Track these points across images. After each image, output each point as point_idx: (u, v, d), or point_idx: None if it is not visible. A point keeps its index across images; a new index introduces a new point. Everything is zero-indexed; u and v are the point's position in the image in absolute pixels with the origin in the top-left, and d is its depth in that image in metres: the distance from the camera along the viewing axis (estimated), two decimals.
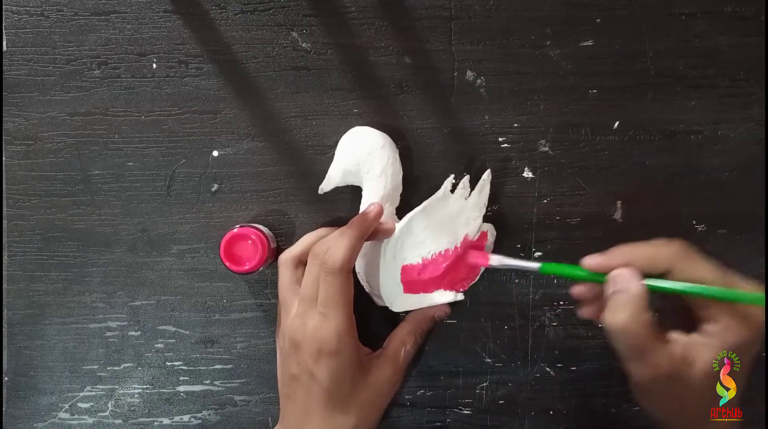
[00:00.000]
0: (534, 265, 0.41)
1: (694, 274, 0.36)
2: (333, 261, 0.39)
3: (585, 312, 0.41)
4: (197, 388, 0.49)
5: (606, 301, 0.37)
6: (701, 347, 0.36)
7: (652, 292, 0.37)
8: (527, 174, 0.48)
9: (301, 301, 0.42)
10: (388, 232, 0.44)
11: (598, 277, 0.38)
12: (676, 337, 0.37)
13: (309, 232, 0.48)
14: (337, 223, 0.47)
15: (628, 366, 0.37)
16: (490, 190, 0.45)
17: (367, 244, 0.44)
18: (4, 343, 0.48)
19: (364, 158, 0.44)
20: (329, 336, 0.39)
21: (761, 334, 0.36)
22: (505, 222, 0.47)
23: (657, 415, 0.39)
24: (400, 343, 0.45)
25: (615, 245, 0.38)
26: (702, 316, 0.37)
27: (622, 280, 0.37)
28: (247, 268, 0.44)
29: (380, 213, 0.42)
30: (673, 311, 0.40)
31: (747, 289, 0.36)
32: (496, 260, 0.43)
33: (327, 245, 0.41)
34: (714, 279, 0.36)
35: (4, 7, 0.46)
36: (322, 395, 0.40)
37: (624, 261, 0.37)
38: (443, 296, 0.45)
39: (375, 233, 0.43)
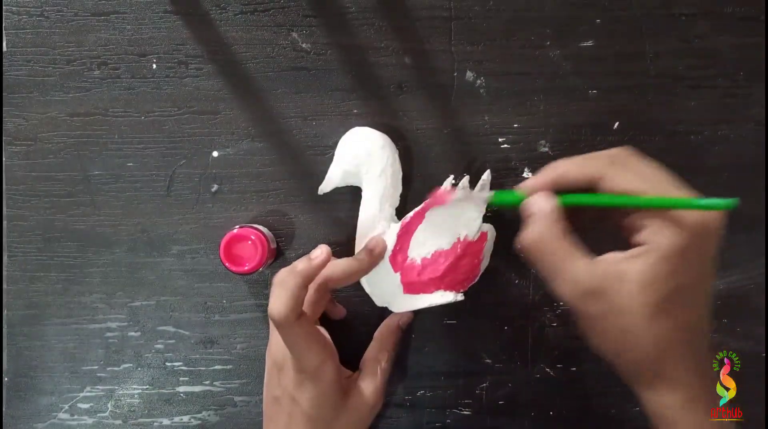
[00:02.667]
0: (487, 194, 0.41)
1: (622, 183, 0.34)
2: (275, 316, 0.37)
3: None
4: (197, 388, 0.49)
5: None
6: (633, 259, 0.33)
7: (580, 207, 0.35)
8: (527, 174, 0.48)
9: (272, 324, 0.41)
10: (381, 256, 0.43)
11: None
12: (607, 255, 0.34)
13: (309, 232, 0.48)
14: (337, 223, 0.48)
15: (554, 287, 0.35)
16: (490, 190, 0.45)
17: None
18: (4, 343, 0.48)
19: (363, 159, 0.44)
20: (305, 368, 0.39)
21: (700, 237, 0.33)
22: (505, 222, 0.47)
23: (604, 351, 0.36)
24: (374, 362, 0.44)
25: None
26: (636, 229, 0.34)
27: (534, 201, 0.36)
28: (246, 268, 0.44)
29: (326, 260, 0.39)
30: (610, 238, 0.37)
31: (680, 195, 0.34)
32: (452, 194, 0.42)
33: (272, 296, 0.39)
34: (644, 188, 0.34)
35: (4, 7, 0.46)
36: (304, 420, 0.40)
37: (555, 176, 0.36)
38: (443, 297, 0.45)
39: (372, 263, 0.43)
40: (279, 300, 0.37)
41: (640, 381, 0.36)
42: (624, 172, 0.35)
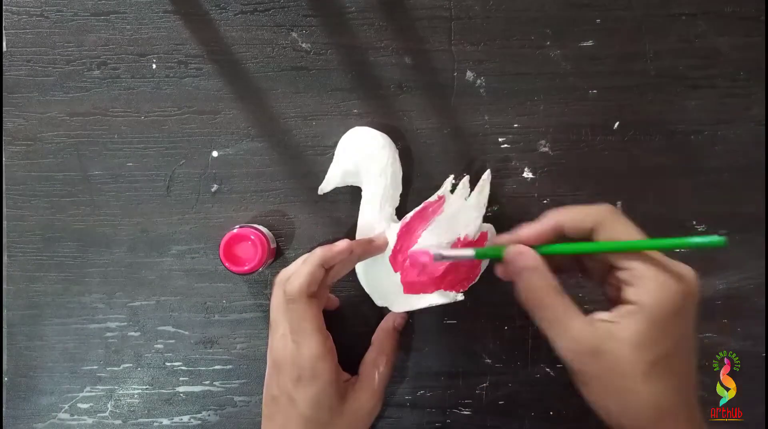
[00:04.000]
0: (469, 252, 0.40)
1: (613, 234, 0.35)
2: (291, 289, 0.39)
3: (501, 273, 0.39)
4: (197, 388, 0.49)
5: (515, 280, 0.36)
6: (625, 318, 0.33)
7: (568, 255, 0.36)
8: (527, 174, 0.48)
9: (273, 324, 0.42)
10: (381, 249, 0.44)
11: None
12: (602, 314, 0.34)
13: (309, 232, 0.48)
14: (337, 223, 0.47)
15: (553, 345, 0.35)
16: (490, 190, 0.45)
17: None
18: (4, 343, 0.48)
19: (363, 159, 0.44)
20: (305, 362, 0.39)
21: (686, 297, 0.33)
22: (505, 222, 0.47)
23: (603, 412, 0.35)
24: (372, 367, 0.44)
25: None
26: (621, 286, 0.35)
27: (517, 255, 0.36)
28: (246, 268, 0.44)
29: (346, 250, 0.41)
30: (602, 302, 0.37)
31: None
32: (438, 256, 0.41)
33: (290, 272, 0.41)
34: (632, 238, 0.34)
35: (4, 7, 0.46)
36: (300, 421, 0.40)
37: (550, 226, 0.36)
38: (443, 297, 0.45)
39: (367, 251, 0.43)
40: (300, 276, 0.39)
41: None
42: (620, 224, 0.35)
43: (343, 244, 0.41)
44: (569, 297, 0.35)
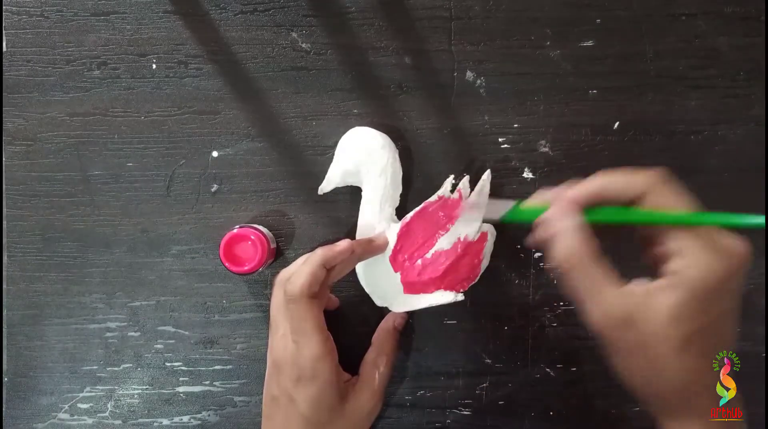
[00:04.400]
0: (509, 203, 0.40)
1: (660, 202, 0.33)
2: (292, 289, 0.39)
3: (532, 239, 0.38)
4: (197, 388, 0.49)
5: (550, 241, 0.35)
6: (663, 290, 0.32)
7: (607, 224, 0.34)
8: (527, 174, 0.48)
9: (273, 324, 0.42)
10: (381, 249, 0.44)
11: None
12: (637, 283, 0.33)
13: (309, 232, 0.48)
14: (337, 223, 0.47)
15: (584, 310, 0.34)
16: (490, 190, 0.45)
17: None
18: (4, 343, 0.48)
19: (363, 159, 0.44)
20: (305, 363, 0.39)
21: (731, 270, 0.32)
22: (505, 222, 0.47)
23: (630, 379, 0.35)
24: (373, 367, 0.44)
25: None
26: (666, 256, 0.33)
27: (558, 215, 0.35)
28: (246, 268, 0.44)
29: (347, 250, 0.41)
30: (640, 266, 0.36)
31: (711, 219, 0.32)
32: (471, 201, 0.42)
33: (290, 272, 0.41)
34: (679, 209, 0.33)
35: (4, 7, 0.46)
36: (300, 421, 0.40)
37: (595, 188, 0.35)
38: (443, 297, 0.45)
39: (367, 251, 0.43)
40: (301, 276, 0.39)
41: (666, 412, 0.35)
42: (668, 191, 0.34)
43: (344, 244, 0.41)
44: (605, 266, 0.34)
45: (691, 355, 0.32)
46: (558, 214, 0.35)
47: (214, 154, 0.47)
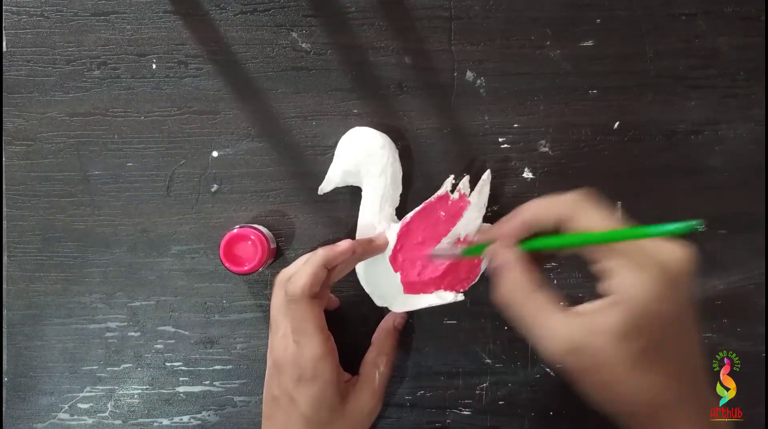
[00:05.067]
0: (457, 251, 0.41)
1: (586, 223, 0.33)
2: (294, 289, 0.39)
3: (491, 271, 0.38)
4: (197, 388, 0.49)
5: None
6: (604, 311, 0.32)
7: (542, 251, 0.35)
8: (527, 174, 0.48)
9: (273, 324, 0.42)
10: (381, 249, 0.44)
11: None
12: (580, 307, 0.33)
13: (309, 232, 0.48)
14: (337, 223, 0.47)
15: (533, 341, 0.34)
16: (490, 190, 0.45)
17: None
18: (4, 343, 0.48)
19: (363, 159, 0.44)
20: (306, 363, 0.39)
21: (671, 285, 0.31)
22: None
23: (597, 403, 0.34)
24: (373, 366, 0.44)
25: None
26: (602, 276, 0.33)
27: (494, 252, 0.35)
28: (246, 268, 0.44)
29: (348, 250, 0.41)
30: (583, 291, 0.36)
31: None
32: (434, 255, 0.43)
33: (290, 272, 0.41)
34: (606, 226, 0.32)
35: (4, 7, 0.46)
36: (301, 421, 0.40)
37: (524, 220, 0.35)
38: (443, 297, 0.45)
39: (368, 251, 0.43)
40: (302, 276, 0.39)
41: None
42: (592, 211, 0.33)
43: (345, 244, 0.41)
44: (546, 294, 0.33)
45: (646, 372, 0.32)
46: (495, 251, 0.36)
47: (214, 154, 0.47)
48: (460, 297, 0.45)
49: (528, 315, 0.34)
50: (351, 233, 0.46)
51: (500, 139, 0.47)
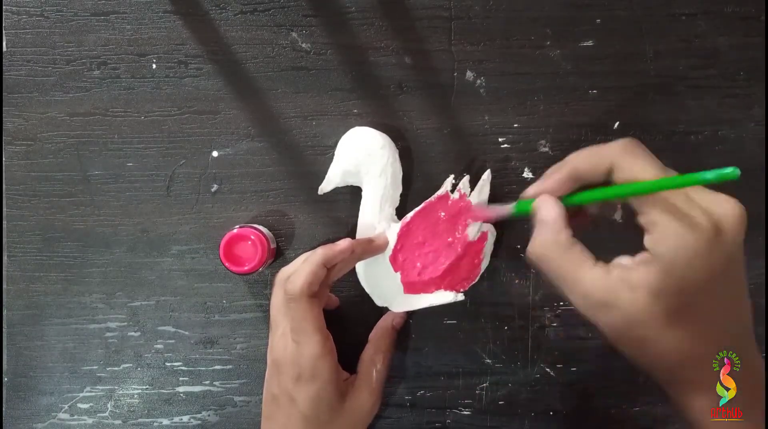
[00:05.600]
0: (509, 207, 0.40)
1: (632, 172, 0.32)
2: (293, 288, 0.39)
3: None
4: (197, 388, 0.49)
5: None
6: (640, 267, 0.31)
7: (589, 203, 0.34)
8: (527, 174, 0.48)
9: (273, 323, 0.42)
10: (381, 249, 0.44)
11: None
12: (617, 261, 0.33)
13: (309, 232, 0.48)
14: (337, 223, 0.47)
15: (566, 297, 0.33)
16: (490, 190, 0.45)
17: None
18: (4, 343, 0.48)
19: (363, 159, 0.44)
20: (305, 362, 0.39)
21: (709, 245, 0.30)
22: (505, 222, 0.47)
23: (631, 358, 0.34)
24: (370, 365, 0.44)
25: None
26: (643, 230, 0.32)
27: (538, 207, 0.35)
28: (246, 268, 0.44)
29: (348, 249, 0.41)
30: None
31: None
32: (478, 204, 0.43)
33: (290, 271, 0.41)
34: (653, 175, 0.31)
35: (4, 7, 0.46)
36: (301, 420, 0.40)
37: (566, 173, 0.34)
38: (443, 296, 0.45)
39: (367, 251, 0.43)
40: (301, 275, 0.39)
41: (672, 385, 0.34)
42: (636, 160, 0.32)
43: (344, 243, 0.41)
44: (582, 249, 0.33)
45: (680, 330, 0.31)
46: (538, 205, 0.35)
47: (214, 154, 0.47)
48: (460, 297, 0.45)
49: (563, 269, 0.33)
50: (351, 233, 0.46)
51: (500, 139, 0.47)
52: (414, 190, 0.47)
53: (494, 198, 0.46)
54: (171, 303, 0.48)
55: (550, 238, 0.34)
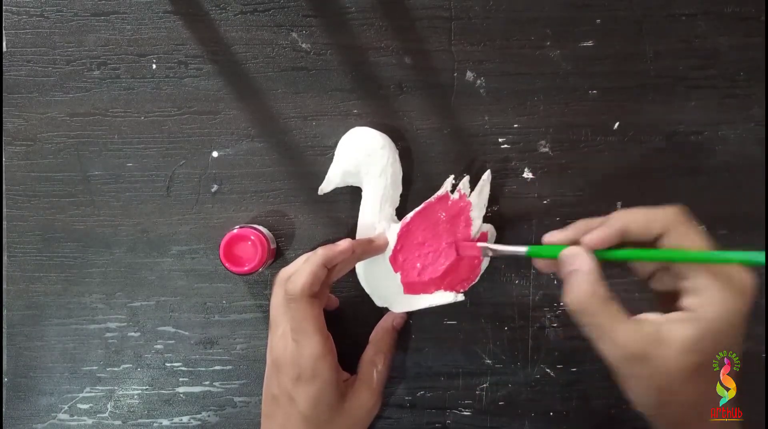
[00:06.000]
0: (522, 249, 0.40)
1: (685, 241, 0.34)
2: (293, 288, 0.39)
3: (542, 266, 0.39)
4: (197, 389, 0.49)
5: (563, 280, 0.36)
6: (677, 324, 0.33)
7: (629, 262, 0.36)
8: (527, 175, 0.48)
9: (273, 323, 0.42)
10: (381, 249, 0.44)
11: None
12: (649, 316, 0.35)
13: (309, 232, 0.48)
14: (337, 223, 0.47)
15: (597, 347, 0.35)
16: (490, 190, 0.45)
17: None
18: (4, 344, 0.48)
19: (363, 159, 0.44)
20: (305, 362, 0.39)
21: (747, 303, 0.33)
22: (505, 223, 0.47)
23: (638, 405, 0.36)
24: (370, 365, 0.44)
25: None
26: (681, 293, 0.35)
27: (571, 258, 0.35)
28: (246, 269, 0.44)
29: (348, 250, 0.41)
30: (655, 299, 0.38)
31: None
32: (487, 250, 0.43)
33: (290, 271, 0.41)
34: (699, 247, 0.34)
35: (4, 7, 0.46)
36: (300, 420, 0.40)
37: (609, 232, 0.35)
38: (443, 297, 0.45)
39: (367, 251, 0.43)
40: (302, 275, 0.39)
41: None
42: (689, 230, 0.34)
43: (345, 243, 0.41)
44: (617, 303, 0.34)
45: (702, 381, 0.34)
46: (569, 256, 0.36)
47: (214, 154, 0.47)
48: (461, 297, 0.45)
49: (600, 320, 0.34)
50: (351, 233, 0.46)
51: (500, 139, 0.47)
52: (414, 190, 0.47)
53: (494, 198, 0.46)
54: (171, 303, 0.48)
55: (588, 290, 0.34)
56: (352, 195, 0.47)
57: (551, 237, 0.37)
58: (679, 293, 0.35)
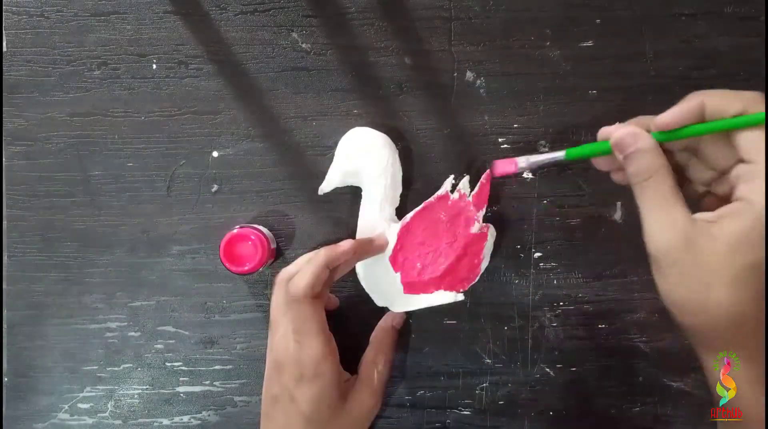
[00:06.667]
0: (560, 154, 0.39)
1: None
2: (296, 289, 0.39)
3: (617, 176, 0.38)
4: (197, 388, 0.49)
5: (624, 166, 0.35)
6: (727, 216, 0.32)
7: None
8: (527, 174, 0.48)
9: (273, 323, 0.42)
10: (381, 249, 0.44)
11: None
12: (702, 214, 0.33)
13: (309, 232, 0.48)
14: (337, 223, 0.47)
15: (646, 226, 0.33)
16: (490, 190, 0.45)
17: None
18: (4, 343, 0.48)
19: (363, 159, 0.44)
20: (308, 362, 0.39)
21: None
22: (505, 222, 0.47)
23: (672, 304, 0.34)
24: (371, 366, 0.44)
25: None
26: (740, 180, 0.33)
27: (632, 137, 0.34)
28: (247, 268, 0.44)
29: (350, 251, 0.41)
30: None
31: None
32: (524, 161, 0.41)
33: (291, 272, 0.41)
34: None
35: (4, 7, 0.46)
36: (301, 420, 0.40)
37: (688, 106, 0.34)
38: (443, 296, 0.45)
39: (368, 251, 0.43)
40: (304, 276, 0.39)
41: (708, 347, 0.34)
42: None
43: (347, 244, 0.41)
44: (677, 186, 0.33)
45: (744, 287, 0.32)
46: (628, 136, 0.35)
47: (214, 154, 0.47)
48: (460, 297, 0.45)
49: (655, 198, 0.33)
50: (351, 233, 0.46)
51: (500, 139, 0.47)
52: (414, 190, 0.47)
53: (494, 198, 0.46)
54: (171, 303, 0.48)
55: (656, 162, 0.33)
56: (352, 195, 0.47)
57: (604, 131, 0.36)
58: (734, 184, 0.33)
